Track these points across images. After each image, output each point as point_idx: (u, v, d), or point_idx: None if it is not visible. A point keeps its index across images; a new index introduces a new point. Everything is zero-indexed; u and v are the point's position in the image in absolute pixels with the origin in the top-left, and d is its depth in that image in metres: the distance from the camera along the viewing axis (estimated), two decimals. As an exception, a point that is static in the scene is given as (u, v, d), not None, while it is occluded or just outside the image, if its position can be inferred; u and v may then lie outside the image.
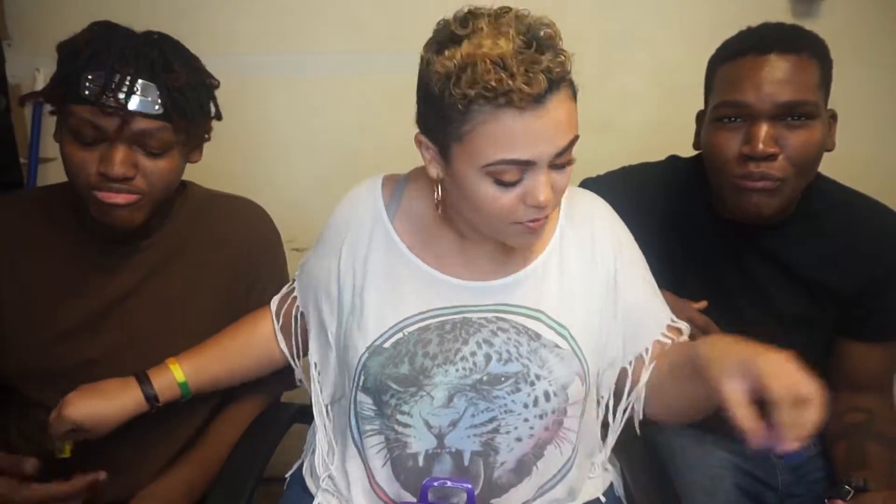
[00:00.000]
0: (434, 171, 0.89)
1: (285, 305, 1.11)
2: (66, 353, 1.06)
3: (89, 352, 1.06)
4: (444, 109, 0.81)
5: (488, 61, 0.77)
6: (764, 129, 1.05)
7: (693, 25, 1.73)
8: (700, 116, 1.19)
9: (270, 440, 1.08)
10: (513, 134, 0.79)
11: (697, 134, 1.20)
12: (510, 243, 0.92)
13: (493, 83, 0.76)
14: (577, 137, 0.84)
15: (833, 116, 1.12)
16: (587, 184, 1.31)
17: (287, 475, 1.10)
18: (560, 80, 0.80)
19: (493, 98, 0.77)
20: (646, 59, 1.76)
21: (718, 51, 1.15)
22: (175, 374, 1.05)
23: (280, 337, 1.10)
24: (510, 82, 0.76)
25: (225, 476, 1.04)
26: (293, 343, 1.10)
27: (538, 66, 0.77)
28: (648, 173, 1.29)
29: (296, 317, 1.09)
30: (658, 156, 1.33)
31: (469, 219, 0.91)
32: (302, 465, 1.08)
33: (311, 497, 1.01)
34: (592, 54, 1.75)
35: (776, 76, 1.04)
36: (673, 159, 1.30)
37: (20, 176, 1.77)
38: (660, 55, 1.76)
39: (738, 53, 1.08)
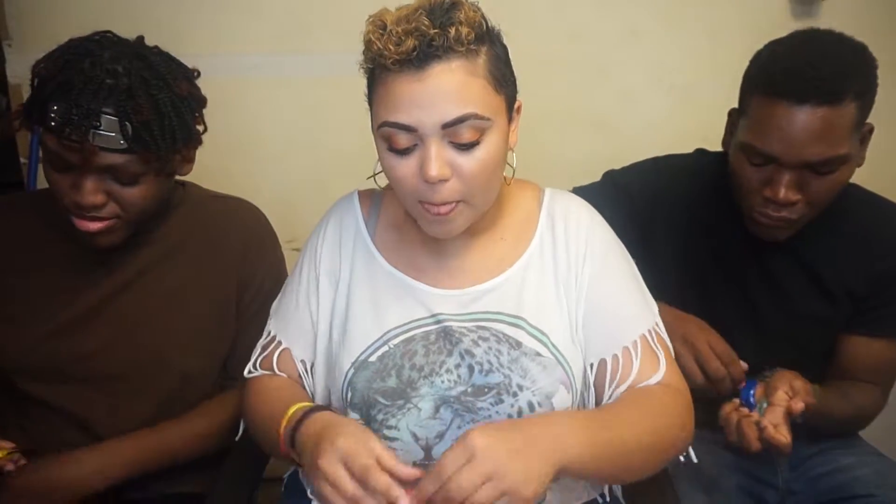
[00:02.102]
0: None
1: (266, 354, 1.01)
2: (61, 348, 1.06)
3: (84, 346, 1.07)
4: (367, 83, 0.87)
5: (374, 26, 0.82)
6: (787, 178, 1.03)
7: (692, 24, 1.74)
8: (732, 113, 1.16)
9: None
10: (392, 96, 0.81)
11: (728, 133, 1.16)
12: (427, 231, 0.90)
13: (374, 46, 0.80)
14: (478, 117, 0.81)
15: (870, 130, 1.09)
16: (612, 174, 1.30)
17: (285, 476, 1.10)
18: (447, 49, 0.79)
19: (373, 59, 0.81)
20: (645, 58, 1.76)
21: (758, 69, 1.08)
22: None
23: (302, 374, 1.00)
24: (381, 43, 0.79)
25: (225, 476, 1.04)
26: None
27: (411, 29, 0.79)
28: (678, 166, 1.27)
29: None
30: (656, 154, 1.33)
31: (398, 197, 0.91)
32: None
33: (309, 499, 1.00)
34: (592, 53, 1.75)
35: (808, 131, 0.99)
36: (700, 154, 1.29)
37: (20, 176, 1.77)
38: (658, 54, 1.76)
39: (774, 93, 1.02)
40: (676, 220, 1.22)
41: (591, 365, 0.94)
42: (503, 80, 0.85)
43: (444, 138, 0.81)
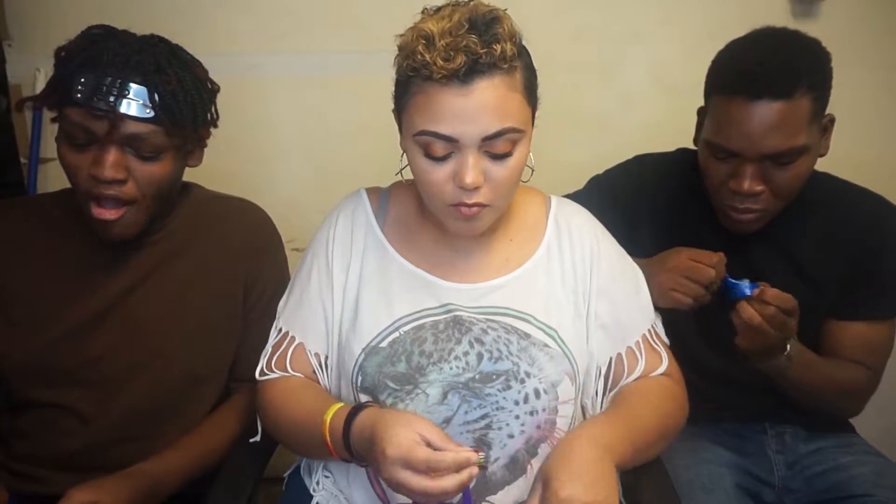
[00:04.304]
0: (402, 143, 0.94)
1: (279, 353, 1.02)
2: (67, 351, 1.06)
3: (90, 349, 1.07)
4: (397, 82, 0.90)
5: (418, 36, 0.84)
6: (750, 171, 1.08)
7: (692, 25, 1.74)
8: (700, 112, 1.20)
9: (271, 440, 1.08)
10: (435, 107, 0.84)
11: (698, 131, 1.20)
12: (450, 228, 0.94)
13: (418, 57, 0.83)
14: (515, 131, 0.86)
15: (831, 121, 1.13)
16: (598, 178, 1.33)
17: (286, 475, 1.10)
18: (492, 66, 0.83)
19: (419, 70, 0.84)
20: (645, 59, 1.76)
21: (716, 69, 1.14)
22: None
23: (316, 368, 1.01)
24: (429, 56, 0.82)
25: (225, 476, 1.04)
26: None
27: (459, 44, 0.81)
28: (658, 162, 1.32)
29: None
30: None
31: (423, 198, 0.94)
32: (300, 465, 1.09)
33: (310, 497, 1.01)
34: (592, 53, 1.75)
35: (764, 124, 1.05)
36: (681, 151, 1.32)
37: (20, 176, 1.77)
38: (659, 54, 1.76)
39: (731, 91, 1.07)
40: (659, 214, 1.26)
41: (600, 368, 1.00)
42: (533, 92, 0.91)
43: (481, 149, 0.86)
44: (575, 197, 1.29)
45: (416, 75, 0.85)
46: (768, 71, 1.05)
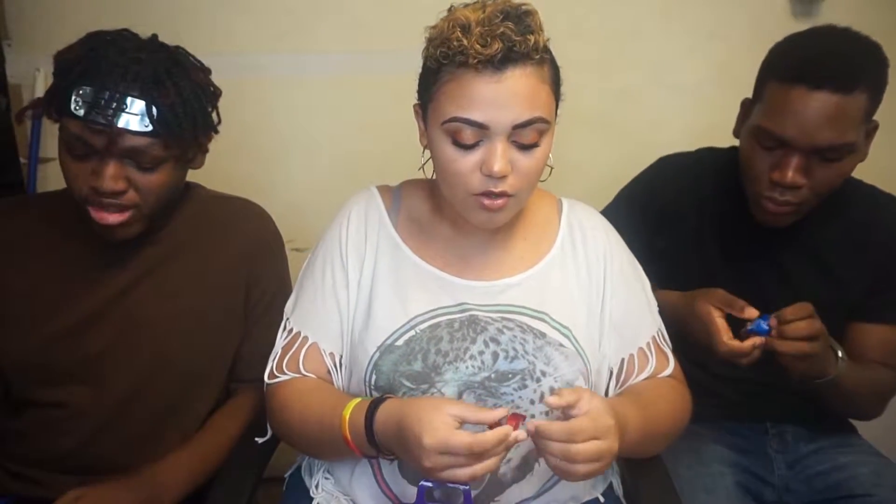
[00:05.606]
0: (424, 140, 0.95)
1: (291, 354, 1.01)
2: (66, 349, 1.06)
3: (89, 347, 1.07)
4: (424, 73, 0.92)
5: (454, 24, 0.85)
6: (795, 161, 1.07)
7: (693, 24, 1.74)
8: (745, 103, 1.19)
9: (270, 440, 1.08)
10: (468, 94, 0.85)
11: (740, 122, 1.19)
12: (471, 220, 0.94)
13: (454, 43, 0.84)
14: (543, 121, 0.87)
15: (875, 127, 1.12)
16: (622, 191, 1.33)
17: (286, 475, 1.10)
18: (525, 55, 0.84)
19: (453, 57, 0.85)
20: (646, 58, 1.76)
21: (776, 57, 1.13)
22: None
23: (331, 368, 1.01)
24: (466, 42, 0.83)
25: (225, 476, 1.04)
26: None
27: (496, 31, 0.83)
28: (685, 164, 1.30)
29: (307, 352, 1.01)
30: (658, 154, 1.34)
31: (443, 192, 0.95)
32: (301, 465, 1.09)
33: (311, 498, 1.01)
34: (592, 52, 1.75)
35: (821, 117, 1.03)
36: (707, 151, 1.31)
37: (20, 176, 1.77)
38: (660, 53, 1.76)
39: (791, 78, 1.05)
40: (685, 215, 1.25)
41: (612, 369, 1.01)
42: (558, 87, 0.93)
43: (510, 138, 0.87)
44: (604, 212, 1.29)
45: (448, 63, 0.86)
46: (832, 63, 1.05)
